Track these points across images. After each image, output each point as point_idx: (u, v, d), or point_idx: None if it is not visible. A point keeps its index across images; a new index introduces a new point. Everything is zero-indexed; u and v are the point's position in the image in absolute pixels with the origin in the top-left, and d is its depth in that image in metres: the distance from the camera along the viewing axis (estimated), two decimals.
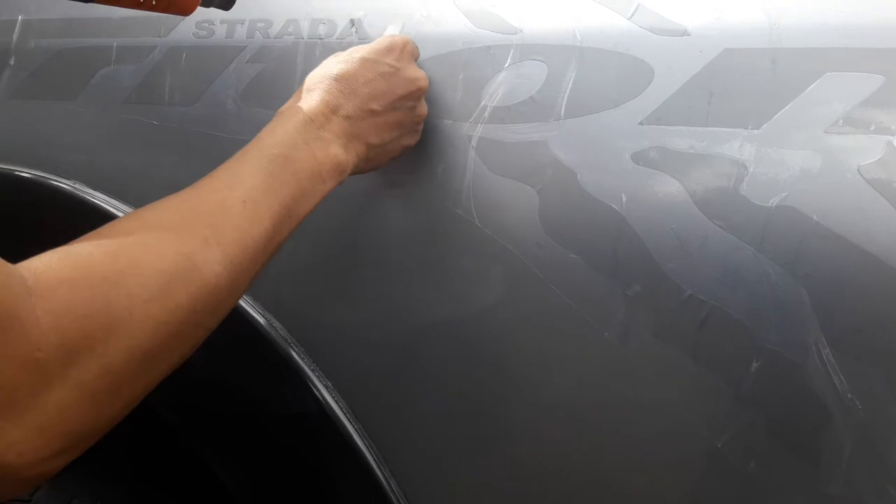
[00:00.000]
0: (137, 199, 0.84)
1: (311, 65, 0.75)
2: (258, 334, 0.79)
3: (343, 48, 0.75)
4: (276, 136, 0.61)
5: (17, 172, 0.91)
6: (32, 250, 0.88)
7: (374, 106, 0.65)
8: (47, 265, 0.45)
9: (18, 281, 0.42)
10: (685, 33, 0.62)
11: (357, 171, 0.66)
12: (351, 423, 0.76)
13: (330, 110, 0.63)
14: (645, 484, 0.64)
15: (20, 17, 0.95)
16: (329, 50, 0.75)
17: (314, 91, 0.64)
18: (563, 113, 0.65)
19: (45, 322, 0.42)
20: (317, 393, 0.77)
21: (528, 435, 0.69)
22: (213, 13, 0.82)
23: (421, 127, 0.70)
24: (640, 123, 0.62)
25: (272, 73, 0.78)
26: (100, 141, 0.87)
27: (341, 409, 0.76)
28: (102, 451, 0.55)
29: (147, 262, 0.48)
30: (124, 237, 0.49)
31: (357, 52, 0.67)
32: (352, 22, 0.75)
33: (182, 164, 0.82)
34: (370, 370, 0.76)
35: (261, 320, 0.79)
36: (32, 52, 0.93)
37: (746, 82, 0.60)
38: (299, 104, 0.63)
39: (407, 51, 0.69)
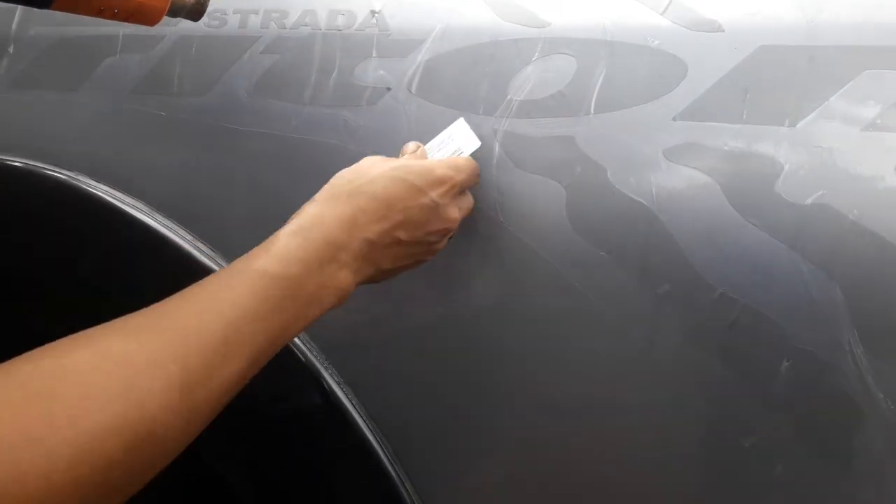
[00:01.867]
0: (142, 191, 0.82)
1: (328, 57, 0.74)
2: None
3: (363, 39, 0.73)
4: (291, 253, 0.54)
5: (7, 162, 0.89)
6: (21, 241, 0.86)
7: (401, 235, 0.60)
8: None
9: None
10: (720, 29, 0.61)
11: (353, 288, 0.60)
12: (364, 420, 0.74)
13: (356, 230, 0.58)
14: (672, 483, 0.64)
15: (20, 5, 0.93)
16: (348, 41, 0.74)
17: (345, 202, 0.59)
18: (592, 108, 0.64)
19: None
20: (328, 390, 0.75)
21: (550, 436, 0.68)
22: (226, 3, 0.80)
23: (430, 258, 0.65)
24: (674, 119, 0.61)
25: (287, 65, 0.76)
26: (104, 132, 0.85)
27: (354, 406, 0.75)
28: None
29: (87, 410, 0.40)
30: (63, 376, 0.41)
31: (405, 173, 0.61)
32: (373, 13, 0.73)
33: (191, 154, 0.80)
34: (384, 368, 0.74)
35: None
36: (33, 41, 0.91)
37: (782, 79, 0.59)
38: (326, 213, 0.58)
39: (455, 187, 0.63)
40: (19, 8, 0.93)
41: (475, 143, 0.66)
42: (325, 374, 0.75)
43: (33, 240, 0.91)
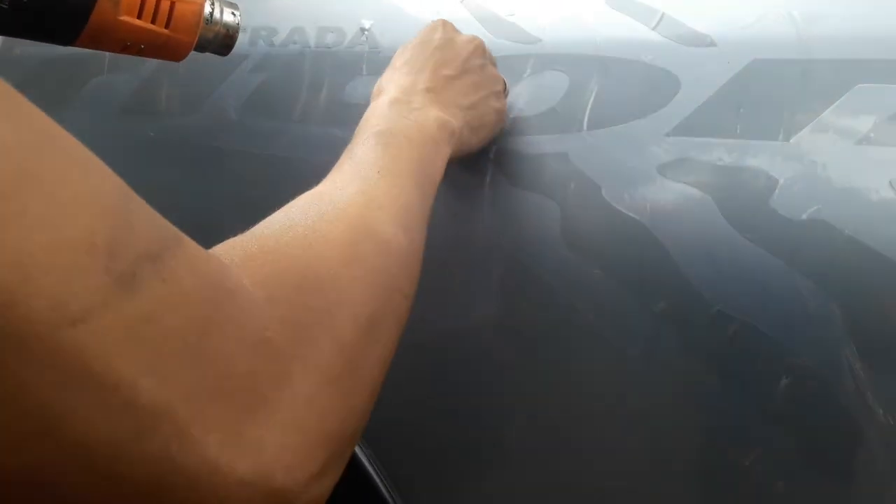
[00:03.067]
0: None
1: (318, 75, 0.74)
2: None
3: (352, 57, 0.73)
4: (373, 118, 0.58)
5: None
6: None
7: (447, 71, 0.64)
8: (234, 243, 0.39)
9: (214, 257, 0.35)
10: (712, 44, 0.61)
11: (467, 140, 0.63)
12: (361, 448, 0.73)
13: (409, 88, 0.62)
14: (672, 502, 0.63)
15: None
16: (338, 59, 0.73)
17: (386, 87, 0.63)
18: (585, 124, 0.64)
19: (260, 295, 0.35)
20: None
21: (548, 457, 0.67)
22: None
23: (501, 89, 0.68)
24: (667, 135, 0.61)
25: (277, 83, 0.76)
26: (92, 152, 0.84)
27: None
28: None
29: (330, 230, 0.43)
30: (289, 214, 0.45)
31: (407, 44, 0.66)
32: (362, 30, 0.73)
33: (179, 174, 0.80)
34: (381, 392, 0.73)
35: None
36: (19, 60, 0.90)
37: (776, 94, 0.59)
38: (377, 101, 0.62)
39: (449, 25, 0.67)
40: None
41: None
42: None
43: None
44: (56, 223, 0.26)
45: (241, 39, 0.78)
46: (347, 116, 0.73)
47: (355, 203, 0.47)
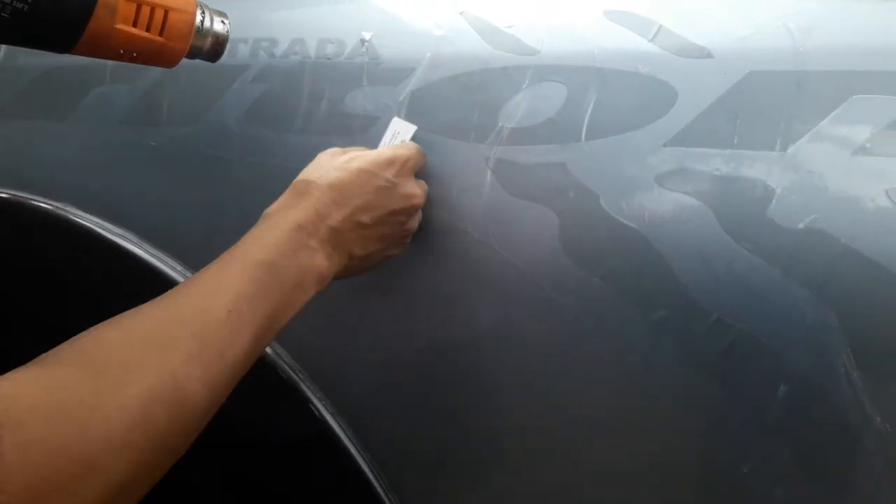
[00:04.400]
0: (133, 222, 0.82)
1: (318, 85, 0.74)
2: (260, 359, 0.76)
3: (352, 68, 0.74)
4: (265, 241, 0.59)
5: None
6: (8, 271, 0.85)
7: (364, 219, 0.64)
8: (22, 389, 0.41)
9: None
10: (709, 55, 0.62)
11: (336, 278, 0.64)
12: (359, 452, 0.73)
13: (319, 218, 0.62)
14: None
15: None
16: (338, 70, 0.74)
17: (305, 197, 0.62)
18: (583, 134, 0.64)
19: (12, 458, 0.38)
20: (322, 421, 0.74)
21: (547, 465, 0.67)
22: None
23: (409, 240, 0.69)
24: (665, 145, 0.61)
25: (278, 94, 0.76)
26: (93, 162, 0.85)
27: (348, 437, 0.74)
28: None
29: (129, 382, 0.45)
30: (106, 353, 0.46)
31: (355, 162, 0.65)
32: (362, 41, 0.73)
33: (181, 185, 0.80)
34: (379, 398, 0.74)
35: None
36: (20, 71, 0.90)
37: (772, 105, 0.59)
38: (289, 210, 0.62)
39: (408, 166, 0.67)
40: None
41: (412, 128, 0.70)
42: (318, 404, 0.75)
43: (20, 270, 0.90)
44: None
45: (243, 51, 0.79)
46: (347, 127, 0.73)
47: (180, 352, 0.49)
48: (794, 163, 0.58)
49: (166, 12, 0.60)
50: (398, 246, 0.68)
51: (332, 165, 0.65)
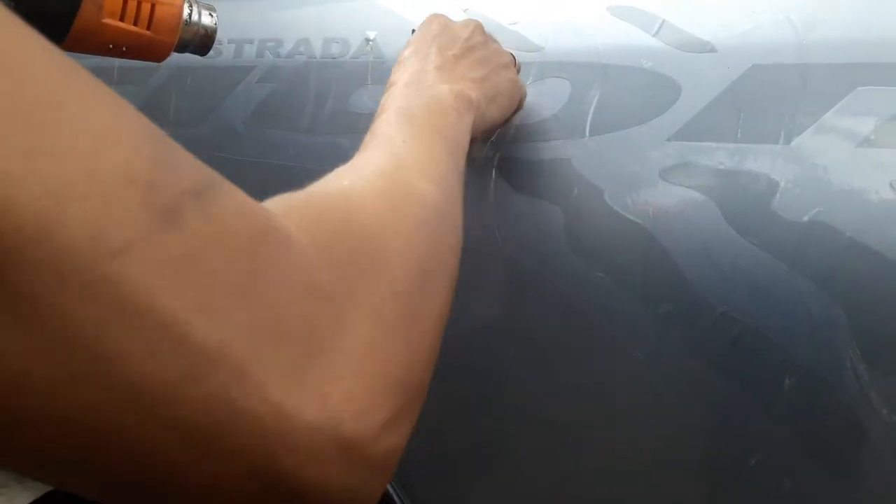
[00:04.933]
0: None
1: (323, 85, 0.75)
2: None
3: (357, 67, 0.74)
4: (389, 101, 0.58)
5: None
6: None
7: (451, 52, 0.63)
8: (273, 199, 0.37)
9: (257, 202, 0.33)
10: (712, 49, 0.62)
11: (487, 110, 0.62)
12: None
13: (419, 71, 0.61)
14: None
15: None
16: (343, 69, 0.74)
17: (397, 76, 0.62)
18: (587, 130, 0.64)
19: (306, 240, 0.33)
20: None
21: (554, 459, 0.67)
22: (221, 33, 0.81)
23: (510, 61, 0.67)
24: (668, 140, 0.62)
25: (283, 94, 0.77)
26: None
27: None
28: None
29: (367, 187, 0.42)
30: (332, 178, 0.44)
31: (409, 40, 0.66)
32: (367, 41, 0.74)
33: None
34: None
35: None
36: None
37: (776, 98, 0.59)
38: (391, 88, 0.61)
39: (442, 16, 0.68)
40: None
41: None
42: None
43: None
44: (90, 154, 0.25)
45: (248, 51, 0.80)
46: (353, 126, 0.74)
47: (386, 166, 0.46)
48: (798, 156, 0.58)
49: (153, 6, 0.60)
50: (506, 67, 0.66)
51: (398, 59, 0.65)
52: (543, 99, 0.66)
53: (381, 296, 0.35)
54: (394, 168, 0.46)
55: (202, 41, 0.66)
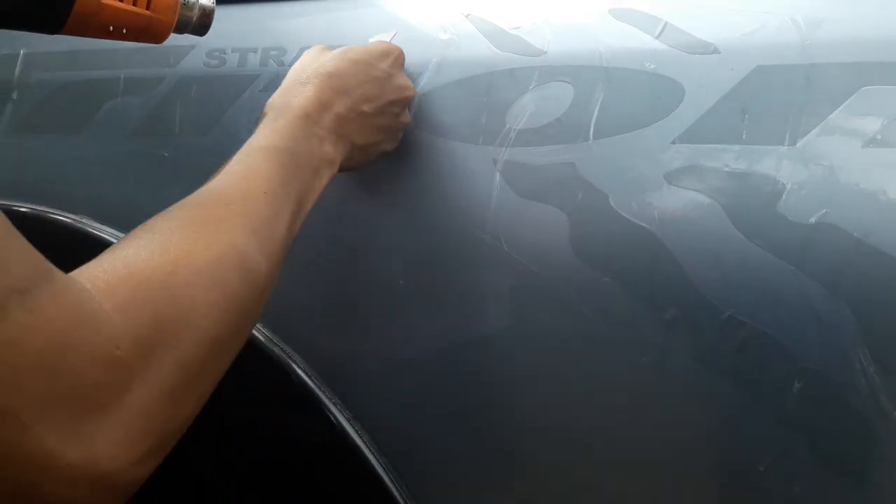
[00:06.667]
0: None
1: None
2: (275, 365, 0.76)
3: None
4: (279, 130, 0.60)
5: (13, 207, 0.89)
6: None
7: (365, 108, 0.66)
8: (98, 268, 0.43)
9: (77, 284, 0.41)
10: (715, 51, 0.62)
11: (341, 169, 0.65)
12: (375, 456, 0.73)
13: (322, 107, 0.63)
14: None
15: (22, 52, 0.94)
16: None
17: (307, 85, 0.64)
18: (591, 134, 0.64)
19: (117, 319, 0.40)
20: (337, 425, 0.75)
21: (560, 465, 0.67)
22: (225, 42, 0.81)
23: (401, 135, 0.71)
24: (673, 142, 0.61)
25: None
26: (108, 174, 0.86)
27: (364, 442, 0.74)
28: None
29: (197, 252, 0.47)
30: (166, 233, 0.48)
31: (350, 52, 0.67)
32: None
33: None
34: (393, 401, 0.74)
35: (277, 351, 0.77)
36: (36, 86, 0.92)
37: (780, 99, 0.59)
38: (293, 99, 0.63)
39: (399, 60, 0.70)
40: (21, 54, 0.94)
41: (392, 32, 0.74)
42: (334, 409, 0.75)
43: None
44: None
45: (252, 60, 0.80)
46: None
47: (234, 226, 0.51)
48: (804, 157, 0.58)
49: None
50: (393, 140, 0.70)
51: (326, 57, 0.67)
52: (546, 103, 0.66)
53: (168, 368, 0.42)
54: (240, 231, 0.51)
55: (201, 21, 0.66)
